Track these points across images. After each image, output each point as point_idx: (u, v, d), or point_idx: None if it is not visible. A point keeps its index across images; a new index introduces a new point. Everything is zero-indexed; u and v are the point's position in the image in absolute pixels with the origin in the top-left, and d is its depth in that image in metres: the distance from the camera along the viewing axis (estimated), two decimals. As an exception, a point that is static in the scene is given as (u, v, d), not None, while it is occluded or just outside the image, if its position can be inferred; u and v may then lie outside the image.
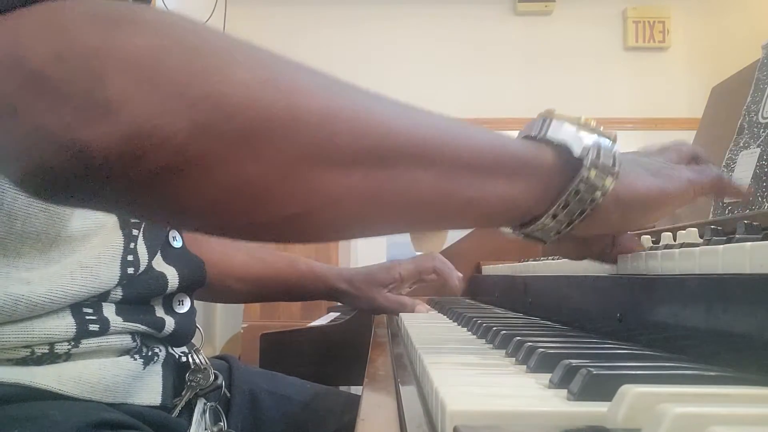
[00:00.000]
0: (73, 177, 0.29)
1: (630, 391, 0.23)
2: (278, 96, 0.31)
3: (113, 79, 0.28)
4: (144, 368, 0.56)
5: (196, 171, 0.30)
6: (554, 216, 0.41)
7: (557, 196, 0.40)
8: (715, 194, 0.50)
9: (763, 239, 0.40)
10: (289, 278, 0.92)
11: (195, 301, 0.66)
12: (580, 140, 0.40)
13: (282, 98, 0.31)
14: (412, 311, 0.90)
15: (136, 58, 0.29)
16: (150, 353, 0.57)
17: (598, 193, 0.40)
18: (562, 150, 0.40)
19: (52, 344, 0.50)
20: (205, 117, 0.29)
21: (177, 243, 0.65)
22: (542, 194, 0.40)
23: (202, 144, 0.29)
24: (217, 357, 0.75)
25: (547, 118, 0.41)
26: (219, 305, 2.63)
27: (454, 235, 1.45)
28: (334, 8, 3.20)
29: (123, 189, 0.31)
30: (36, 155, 0.29)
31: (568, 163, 0.40)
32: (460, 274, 0.96)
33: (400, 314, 0.84)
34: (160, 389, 0.57)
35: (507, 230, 0.45)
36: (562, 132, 0.40)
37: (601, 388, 0.27)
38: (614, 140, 0.41)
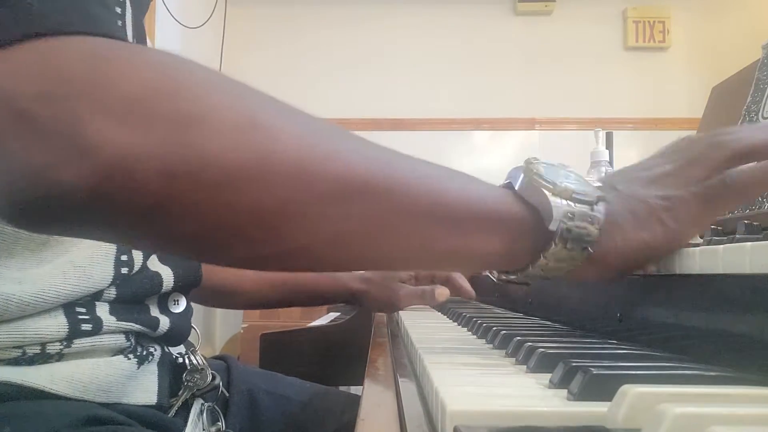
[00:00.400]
0: (55, 213, 0.31)
1: (630, 391, 0.23)
2: (252, 146, 0.32)
3: (93, 120, 0.29)
4: (138, 368, 0.56)
5: (166, 214, 0.31)
6: (529, 275, 0.42)
7: (533, 256, 0.41)
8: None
9: (763, 239, 0.40)
10: (306, 281, 0.93)
11: (194, 303, 0.66)
12: (552, 210, 0.39)
13: (256, 149, 0.32)
14: (434, 298, 0.90)
15: (116, 98, 0.30)
16: (144, 352, 0.57)
17: (576, 257, 0.40)
18: (537, 212, 0.40)
19: (44, 344, 0.50)
20: (178, 165, 0.30)
21: None
22: (519, 252, 0.41)
23: (174, 190, 0.30)
24: (215, 357, 0.75)
25: (526, 175, 0.41)
26: (219, 305, 2.62)
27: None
28: (334, 8, 3.20)
29: (102, 225, 0.32)
30: (19, 192, 0.30)
31: (543, 227, 0.40)
32: (472, 292, 0.97)
33: (401, 314, 0.84)
34: (156, 389, 0.57)
35: (500, 276, 0.46)
36: (537, 196, 0.40)
37: (601, 388, 0.27)
38: (595, 202, 0.40)
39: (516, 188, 0.41)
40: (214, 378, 0.63)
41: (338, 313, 1.73)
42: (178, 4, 2.38)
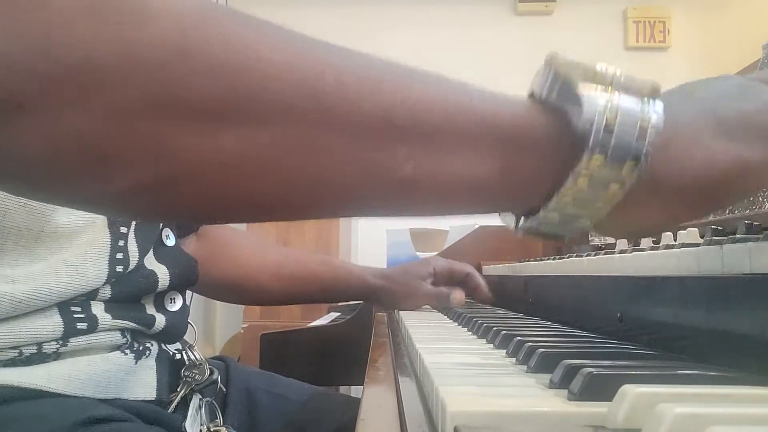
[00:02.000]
0: None
1: (630, 391, 0.23)
2: (109, 24, 0.24)
3: None
4: (136, 363, 0.56)
5: (13, 119, 0.24)
6: (555, 213, 0.29)
7: (556, 183, 0.28)
8: None
9: (763, 239, 0.40)
10: (324, 276, 0.91)
11: (195, 300, 0.67)
12: (584, 102, 0.27)
13: (115, 27, 0.24)
14: (448, 301, 0.89)
15: None
16: (141, 348, 0.57)
17: (614, 186, 0.27)
18: (563, 116, 0.28)
19: (39, 344, 0.50)
20: (16, 55, 0.23)
21: (170, 242, 0.64)
22: (529, 176, 0.29)
23: (14, 87, 0.23)
24: (214, 358, 0.75)
25: (550, 67, 0.30)
26: (219, 305, 2.62)
27: (454, 235, 1.45)
28: (334, 8, 3.20)
29: None
30: None
31: (571, 136, 0.28)
32: (489, 294, 0.95)
33: (401, 314, 0.84)
34: (155, 383, 0.57)
35: (509, 223, 0.33)
36: (563, 89, 0.29)
37: (601, 388, 0.27)
38: (648, 95, 0.28)
39: (537, 95, 0.30)
40: (212, 373, 0.63)
41: (338, 313, 1.73)
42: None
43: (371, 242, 2.37)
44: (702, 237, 0.49)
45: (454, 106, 0.28)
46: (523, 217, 0.31)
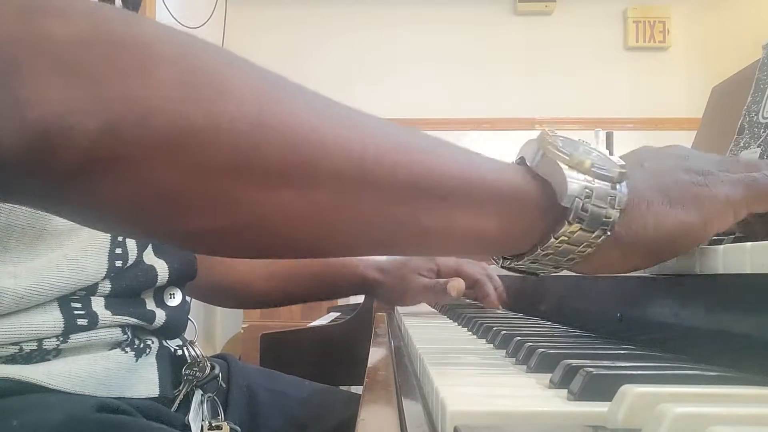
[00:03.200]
0: None
1: (630, 391, 0.23)
2: (199, 98, 0.28)
3: (29, 71, 0.27)
4: (136, 360, 0.56)
5: (109, 173, 0.28)
6: (535, 261, 0.37)
7: (541, 238, 0.36)
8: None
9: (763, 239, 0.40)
10: (314, 270, 0.88)
11: (195, 301, 0.67)
12: (568, 185, 0.34)
13: (203, 101, 0.29)
14: (444, 292, 0.82)
15: (56, 49, 0.27)
16: (142, 345, 0.57)
17: (591, 240, 0.35)
18: (549, 187, 0.35)
19: (40, 340, 0.50)
20: (117, 119, 0.27)
21: None
22: (521, 234, 0.36)
23: (113, 147, 0.27)
24: (215, 356, 0.75)
25: (540, 147, 0.36)
26: (219, 305, 2.62)
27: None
28: (334, 9, 3.20)
29: (37, 187, 0.29)
30: None
31: (555, 204, 0.35)
32: (497, 303, 0.85)
33: (401, 314, 0.84)
34: (157, 380, 0.57)
35: (493, 259, 0.41)
36: (550, 168, 0.35)
37: (601, 388, 0.27)
38: (618, 180, 0.35)
39: (528, 163, 0.36)
40: (213, 368, 0.63)
41: (338, 313, 1.73)
42: (178, 4, 2.38)
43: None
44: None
45: (468, 174, 0.34)
46: (507, 260, 0.39)
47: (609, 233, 0.35)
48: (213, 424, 0.60)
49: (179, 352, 0.62)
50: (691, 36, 3.17)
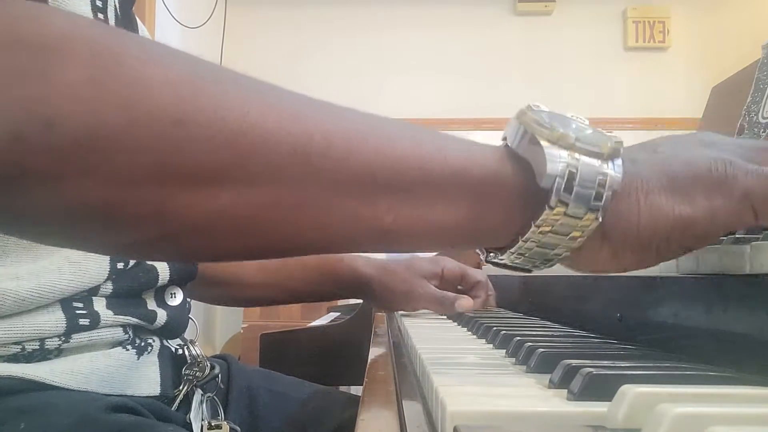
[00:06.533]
0: None
1: (630, 391, 0.23)
2: (111, 97, 0.25)
3: None
4: (138, 358, 0.56)
5: (21, 186, 0.25)
6: (521, 254, 0.32)
7: (522, 227, 0.31)
8: None
9: (763, 239, 0.40)
10: (309, 263, 0.82)
11: (196, 300, 0.66)
12: (547, 162, 0.29)
13: (117, 98, 0.25)
14: (452, 308, 0.78)
15: None
16: (143, 344, 0.57)
17: (573, 236, 0.31)
18: (530, 169, 0.31)
19: (42, 340, 0.50)
20: (21, 126, 0.24)
21: None
22: (499, 222, 0.32)
23: (17, 157, 0.25)
24: (215, 356, 0.75)
25: (521, 124, 0.31)
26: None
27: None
28: (334, 9, 3.20)
29: None
30: None
31: (536, 188, 0.30)
32: (493, 294, 0.85)
33: (401, 314, 0.84)
34: (158, 379, 0.57)
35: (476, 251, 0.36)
36: (530, 146, 0.31)
37: (601, 388, 0.27)
38: (607, 158, 0.30)
39: (509, 143, 0.32)
40: (213, 368, 0.63)
41: (338, 313, 1.73)
42: (178, 4, 2.38)
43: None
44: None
45: (430, 161, 0.30)
46: (490, 253, 0.35)
47: (600, 219, 0.30)
48: (212, 424, 0.60)
49: (180, 352, 0.62)
50: (691, 36, 3.17)
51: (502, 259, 0.34)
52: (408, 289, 0.81)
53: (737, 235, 0.43)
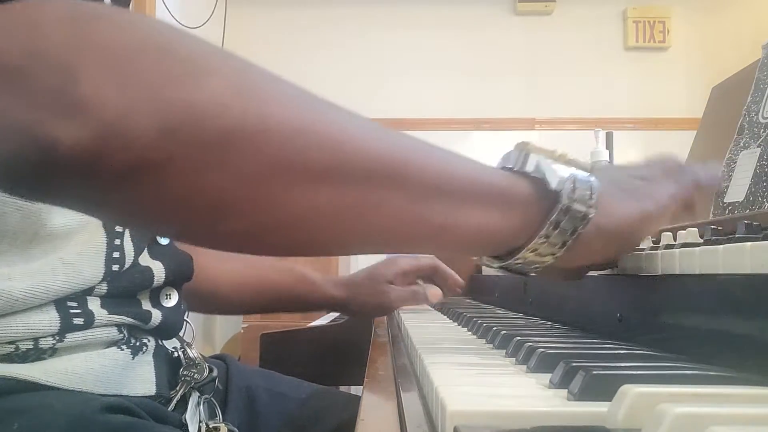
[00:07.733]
0: (42, 173, 0.29)
1: (630, 391, 0.23)
2: (250, 106, 0.31)
3: (86, 75, 0.28)
4: (133, 358, 0.56)
5: (161, 174, 0.30)
6: (535, 250, 0.41)
7: (536, 228, 0.40)
8: (703, 196, 0.49)
9: (763, 239, 0.40)
10: (282, 287, 0.90)
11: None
12: (556, 173, 0.40)
13: (254, 108, 0.31)
14: (426, 299, 0.89)
15: (111, 55, 0.29)
16: (138, 343, 0.57)
17: (579, 223, 0.40)
18: (538, 183, 0.40)
19: (36, 339, 0.50)
20: (174, 121, 0.29)
21: (164, 241, 0.64)
22: (520, 226, 0.40)
23: (168, 148, 0.29)
24: (214, 357, 0.75)
25: (523, 150, 0.41)
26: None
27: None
28: (334, 9, 3.20)
29: (90, 187, 0.30)
30: (6, 150, 0.29)
31: (546, 195, 0.40)
32: (460, 281, 0.95)
33: (401, 314, 0.84)
34: (153, 378, 0.57)
35: (487, 262, 0.44)
36: (538, 165, 0.40)
37: (601, 388, 0.27)
38: (590, 171, 0.41)
39: (511, 166, 0.41)
40: (211, 371, 0.63)
41: (338, 313, 1.73)
42: (178, 4, 2.38)
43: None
44: (702, 237, 0.49)
45: (474, 177, 0.39)
46: (500, 259, 0.43)
47: (592, 215, 0.40)
48: (210, 426, 0.60)
49: (176, 354, 0.62)
50: (691, 36, 3.17)
51: (516, 260, 0.42)
52: (378, 301, 0.90)
53: (738, 235, 0.43)
